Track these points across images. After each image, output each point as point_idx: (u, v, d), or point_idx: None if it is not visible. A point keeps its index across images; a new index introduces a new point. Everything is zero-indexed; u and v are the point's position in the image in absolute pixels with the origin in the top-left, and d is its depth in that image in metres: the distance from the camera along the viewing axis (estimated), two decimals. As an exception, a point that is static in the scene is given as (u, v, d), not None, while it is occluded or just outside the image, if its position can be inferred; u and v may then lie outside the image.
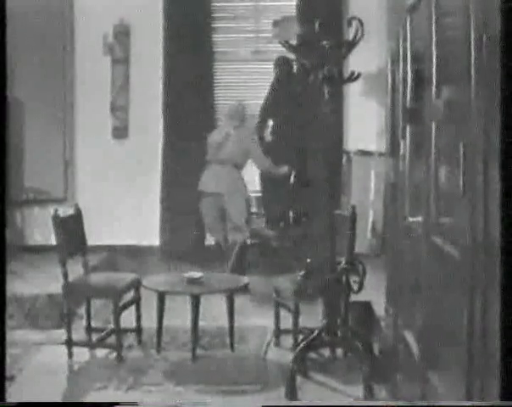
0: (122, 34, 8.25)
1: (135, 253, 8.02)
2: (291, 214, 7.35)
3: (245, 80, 8.43)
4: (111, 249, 7.94)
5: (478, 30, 2.58)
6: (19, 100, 7.95)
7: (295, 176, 7.43)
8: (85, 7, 8.17)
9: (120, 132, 8.35)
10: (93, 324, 5.70)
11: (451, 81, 3.10)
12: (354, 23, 4.77)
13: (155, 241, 8.29)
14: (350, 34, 4.88)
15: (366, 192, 7.70)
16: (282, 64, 7.77)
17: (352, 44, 4.84)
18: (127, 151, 8.29)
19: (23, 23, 7.78)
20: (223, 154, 7.15)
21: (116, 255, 7.93)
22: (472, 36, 2.63)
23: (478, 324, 2.59)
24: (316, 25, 4.87)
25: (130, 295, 5.64)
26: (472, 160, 2.65)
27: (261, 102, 7.89)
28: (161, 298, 5.41)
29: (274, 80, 7.86)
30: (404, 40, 4.28)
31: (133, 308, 5.61)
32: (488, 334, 2.51)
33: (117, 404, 3.83)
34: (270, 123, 7.60)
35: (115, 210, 8.14)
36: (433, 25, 3.40)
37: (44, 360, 5.33)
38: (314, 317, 5.39)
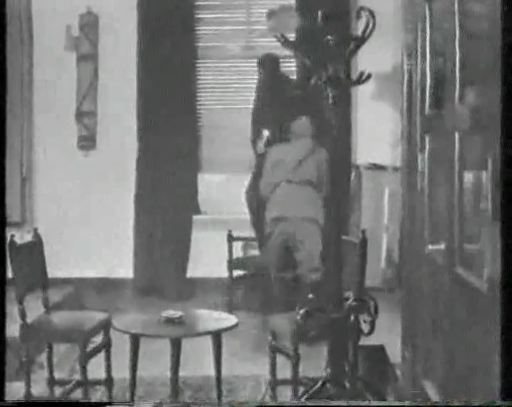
0: (89, 26, 8.28)
1: (104, 288, 8.01)
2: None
3: (234, 80, 8.48)
4: (76, 283, 7.93)
5: (508, 22, 2.59)
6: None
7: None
8: (45, -7, 8.22)
9: (87, 143, 8.36)
10: (56, 375, 5.66)
11: (477, 83, 3.11)
12: (364, 14, 4.79)
13: (128, 273, 8.28)
14: (359, 27, 4.91)
15: (379, 214, 7.72)
16: (268, 63, 7.76)
17: (361, 39, 4.86)
18: (95, 165, 8.30)
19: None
20: (301, 174, 7.14)
21: (82, 290, 7.91)
22: (501, 29, 2.64)
23: None
24: (319, 17, 4.90)
25: (99, 339, 5.62)
26: (502, 177, 2.65)
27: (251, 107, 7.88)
28: (135, 341, 5.38)
29: (258, 82, 7.84)
30: (423, 34, 4.31)
31: (102, 354, 5.59)
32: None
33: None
34: (266, 133, 7.60)
35: (81, 236, 8.14)
36: (456, 16, 3.42)
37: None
38: (317, 364, 5.38)
